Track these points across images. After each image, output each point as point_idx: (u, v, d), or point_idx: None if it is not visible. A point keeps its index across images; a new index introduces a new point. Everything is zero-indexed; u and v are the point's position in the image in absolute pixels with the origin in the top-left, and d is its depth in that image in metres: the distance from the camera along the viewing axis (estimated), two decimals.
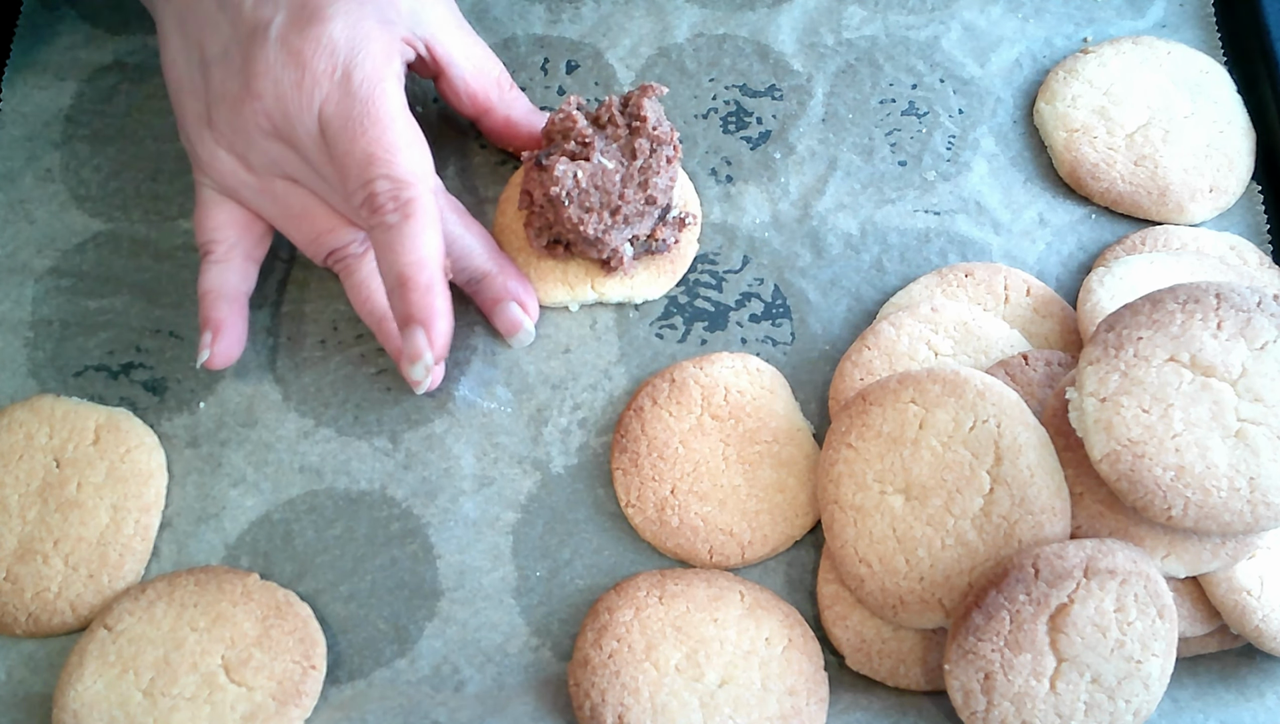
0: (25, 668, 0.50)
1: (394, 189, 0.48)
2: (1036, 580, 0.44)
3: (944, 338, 0.53)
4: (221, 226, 0.53)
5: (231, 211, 0.53)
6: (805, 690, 0.48)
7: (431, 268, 0.48)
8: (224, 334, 0.52)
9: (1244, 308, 0.46)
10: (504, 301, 0.54)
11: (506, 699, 0.50)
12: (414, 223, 0.48)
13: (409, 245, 0.48)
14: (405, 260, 0.48)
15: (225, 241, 0.53)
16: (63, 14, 0.64)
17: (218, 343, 0.52)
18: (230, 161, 0.52)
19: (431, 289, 0.48)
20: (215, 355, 0.52)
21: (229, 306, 0.52)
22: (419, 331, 0.48)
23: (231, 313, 0.52)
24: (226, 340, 0.52)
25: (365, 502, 0.53)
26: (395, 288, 0.48)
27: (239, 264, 0.53)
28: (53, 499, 0.52)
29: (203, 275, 0.53)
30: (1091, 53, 0.61)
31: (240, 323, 0.53)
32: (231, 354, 0.52)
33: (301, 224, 0.53)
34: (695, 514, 0.52)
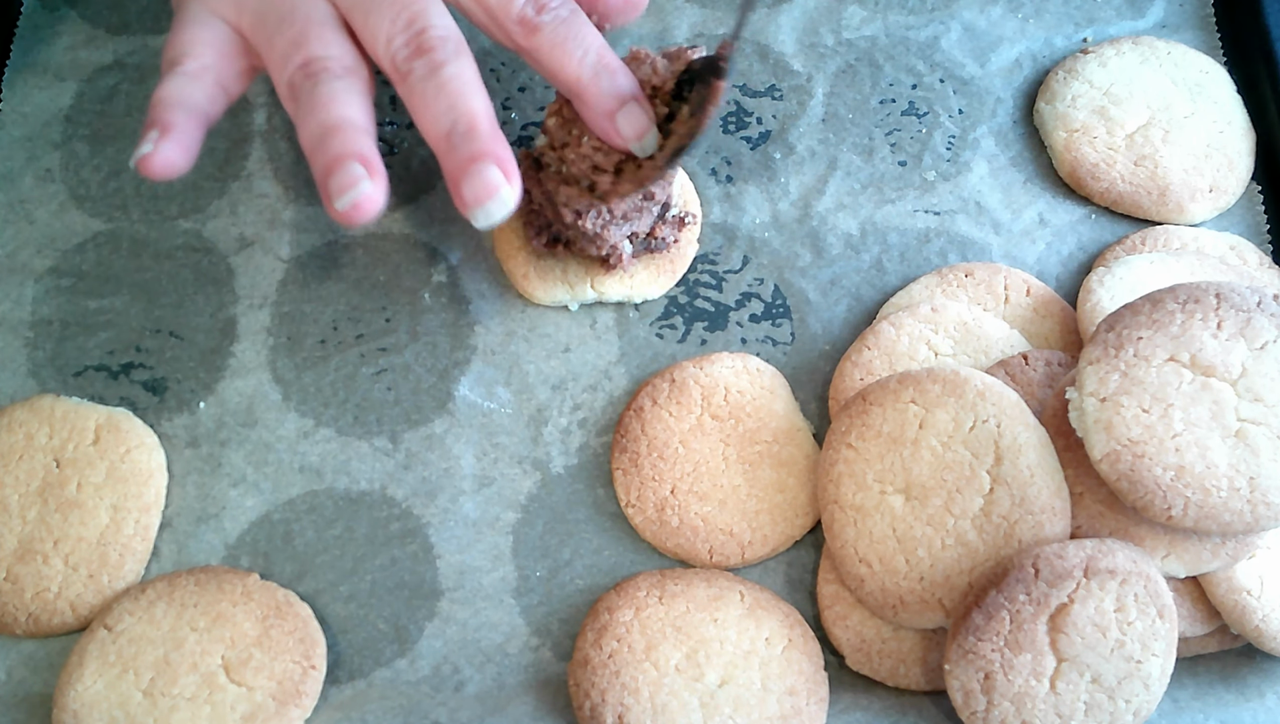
0: (25, 668, 0.51)
1: (428, 31, 0.46)
2: (1036, 580, 0.44)
3: (944, 338, 0.53)
4: (200, 45, 0.47)
5: (218, 32, 0.47)
6: (805, 690, 0.48)
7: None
8: (173, 136, 0.44)
9: (1244, 308, 0.46)
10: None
11: (506, 699, 0.50)
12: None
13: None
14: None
15: (199, 59, 0.47)
16: (63, 14, 0.64)
17: (162, 141, 0.44)
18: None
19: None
20: (157, 158, 0.44)
21: (185, 115, 0.45)
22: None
23: (185, 120, 0.45)
24: (173, 144, 0.44)
25: (365, 502, 0.53)
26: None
27: (208, 85, 0.46)
28: (53, 499, 0.52)
29: (162, 84, 0.46)
30: (1091, 53, 0.61)
31: (195, 136, 0.45)
32: (175, 163, 0.45)
33: (296, 27, 0.46)
34: (695, 514, 0.52)
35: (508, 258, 0.57)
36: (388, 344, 0.56)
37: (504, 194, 0.45)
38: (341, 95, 0.46)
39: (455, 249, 0.58)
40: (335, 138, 0.45)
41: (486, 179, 0.44)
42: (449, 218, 0.59)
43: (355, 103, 0.46)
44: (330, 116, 0.45)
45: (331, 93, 0.46)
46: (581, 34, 0.47)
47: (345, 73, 0.46)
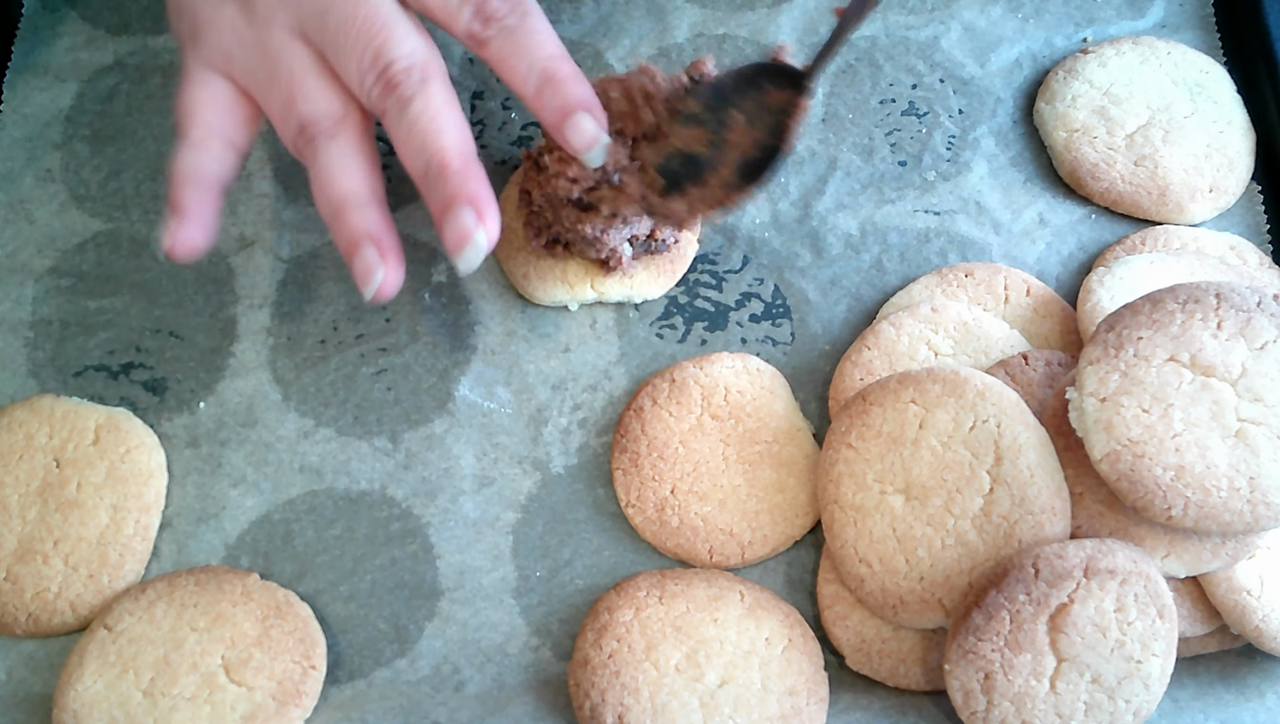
0: (25, 668, 0.51)
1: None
2: (1036, 580, 0.44)
3: (944, 338, 0.53)
4: (203, 106, 0.48)
5: (217, 90, 0.48)
6: (805, 690, 0.48)
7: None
8: (188, 219, 0.47)
9: (1244, 308, 0.46)
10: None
11: (506, 699, 0.50)
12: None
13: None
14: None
15: (205, 123, 0.48)
16: (63, 15, 0.64)
17: (181, 228, 0.46)
18: (233, 16, 0.48)
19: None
20: (177, 242, 0.46)
21: (197, 192, 0.47)
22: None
23: (200, 198, 0.47)
24: (189, 226, 0.47)
25: (365, 502, 0.53)
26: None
27: (216, 149, 0.48)
28: (53, 499, 0.52)
29: (174, 158, 0.48)
30: (1091, 53, 0.61)
31: (208, 210, 0.47)
32: (195, 243, 0.47)
33: (279, 88, 0.47)
34: (695, 514, 0.52)
35: (508, 258, 0.57)
36: (388, 344, 0.56)
37: (478, 239, 0.45)
38: (340, 163, 0.47)
39: None
40: (344, 220, 0.46)
41: (461, 225, 0.45)
42: None
43: (353, 167, 0.47)
44: (335, 192, 0.46)
45: (330, 161, 0.47)
46: (527, 45, 0.46)
47: (338, 129, 0.47)
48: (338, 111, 0.47)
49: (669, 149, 0.50)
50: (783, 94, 0.49)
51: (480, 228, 0.45)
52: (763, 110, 0.49)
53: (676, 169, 0.50)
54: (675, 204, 0.50)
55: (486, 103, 0.62)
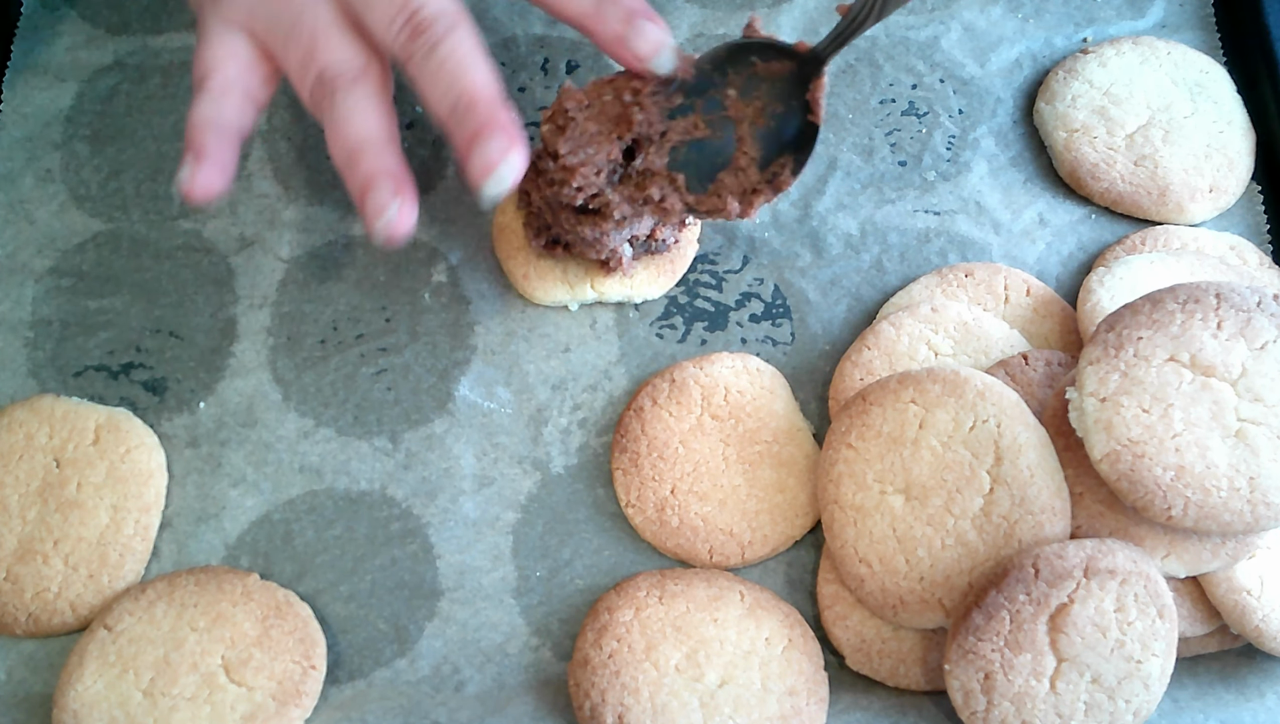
0: (25, 668, 0.51)
1: (439, 12, 0.46)
2: (1036, 580, 0.44)
3: (944, 338, 0.53)
4: (223, 59, 0.48)
5: (237, 47, 0.49)
6: (805, 690, 0.48)
7: (494, 81, 0.46)
8: (207, 160, 0.47)
9: (1244, 308, 0.46)
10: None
11: (506, 699, 0.50)
12: (460, 36, 0.46)
13: (467, 62, 0.46)
14: (468, 79, 0.46)
15: (225, 74, 0.48)
16: (63, 15, 0.64)
17: (200, 168, 0.46)
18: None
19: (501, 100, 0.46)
20: (196, 183, 0.46)
21: (217, 136, 0.47)
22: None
23: (219, 142, 0.47)
24: (209, 168, 0.47)
25: (365, 502, 0.53)
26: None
27: (236, 99, 0.48)
28: (53, 499, 0.52)
29: (193, 107, 0.48)
30: (1091, 53, 0.61)
31: (229, 156, 0.47)
32: (213, 185, 0.47)
33: (301, 38, 0.48)
34: (695, 514, 0.52)
35: (508, 258, 0.57)
36: (388, 344, 0.56)
37: (511, 159, 0.45)
38: (359, 107, 0.47)
39: (455, 249, 0.58)
40: (361, 160, 0.46)
41: (489, 152, 0.45)
42: (449, 218, 0.59)
43: (372, 112, 0.47)
44: (352, 135, 0.47)
45: (350, 107, 0.47)
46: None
47: (359, 78, 0.47)
48: (359, 63, 0.48)
49: (672, 144, 0.50)
50: (773, 65, 0.49)
51: (509, 155, 0.44)
52: (757, 81, 0.49)
53: (693, 161, 0.50)
54: (716, 198, 0.50)
55: None
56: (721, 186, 0.50)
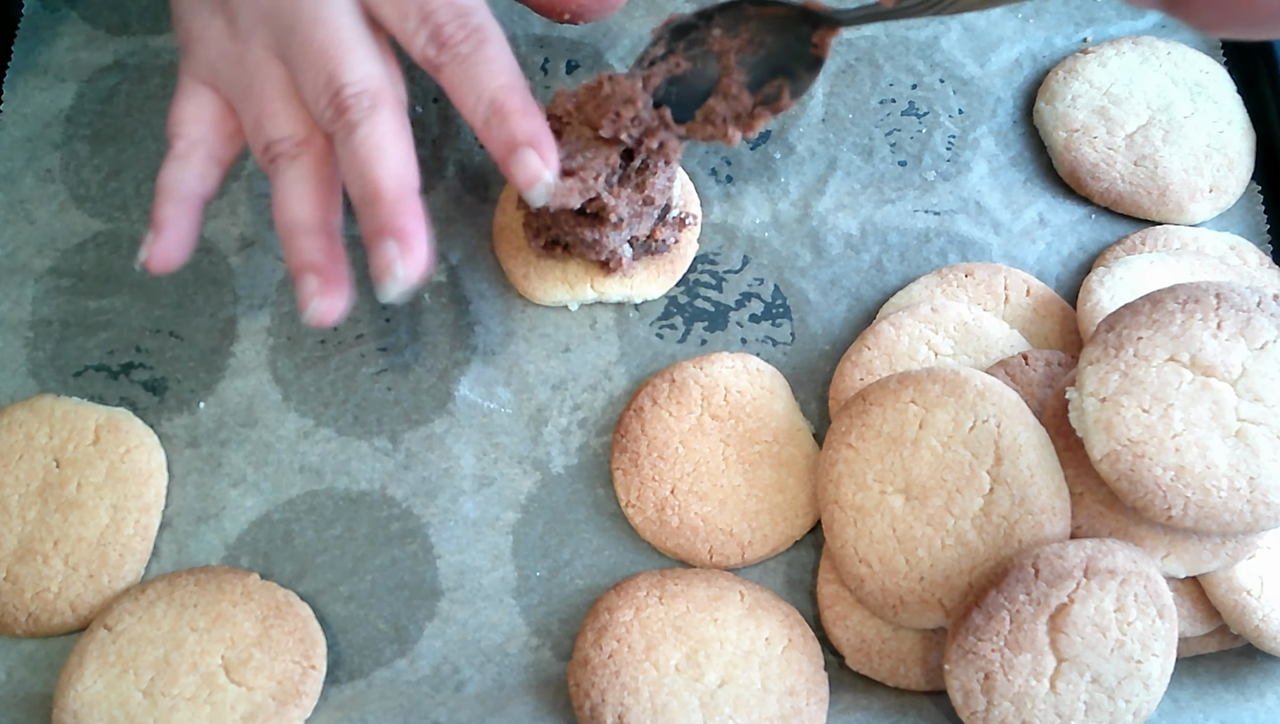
0: (25, 668, 0.51)
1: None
2: (1036, 580, 0.44)
3: (944, 338, 0.53)
4: (189, 120, 0.49)
5: (204, 103, 0.49)
6: (805, 690, 0.48)
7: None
8: (164, 233, 0.48)
9: (1244, 308, 0.46)
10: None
11: (506, 699, 0.50)
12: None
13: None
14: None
15: (189, 137, 0.49)
16: (63, 15, 0.64)
17: (156, 242, 0.48)
18: (220, 30, 0.49)
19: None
20: (153, 255, 0.48)
21: (176, 206, 0.48)
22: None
23: (178, 213, 0.48)
24: (165, 241, 0.48)
25: (365, 502, 0.53)
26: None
27: (198, 163, 0.49)
28: (53, 499, 0.52)
29: (160, 171, 0.49)
30: (1091, 53, 0.61)
31: (186, 224, 0.48)
32: (171, 256, 0.48)
33: (251, 106, 0.48)
34: (695, 514, 0.52)
35: (508, 258, 0.57)
36: (388, 344, 0.56)
37: (397, 272, 0.44)
38: (295, 188, 0.47)
39: (455, 249, 0.58)
40: (292, 245, 0.47)
41: (386, 252, 0.44)
42: (449, 218, 0.59)
43: (308, 194, 0.47)
44: (286, 216, 0.47)
45: (287, 184, 0.47)
46: (478, 74, 0.45)
47: (298, 154, 0.47)
48: (300, 135, 0.47)
49: (654, 87, 0.49)
50: (768, 8, 0.48)
51: (399, 262, 0.44)
52: (744, 19, 0.48)
53: (676, 95, 0.49)
54: (709, 124, 0.49)
55: None
56: (711, 112, 0.49)
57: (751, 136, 0.49)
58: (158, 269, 0.48)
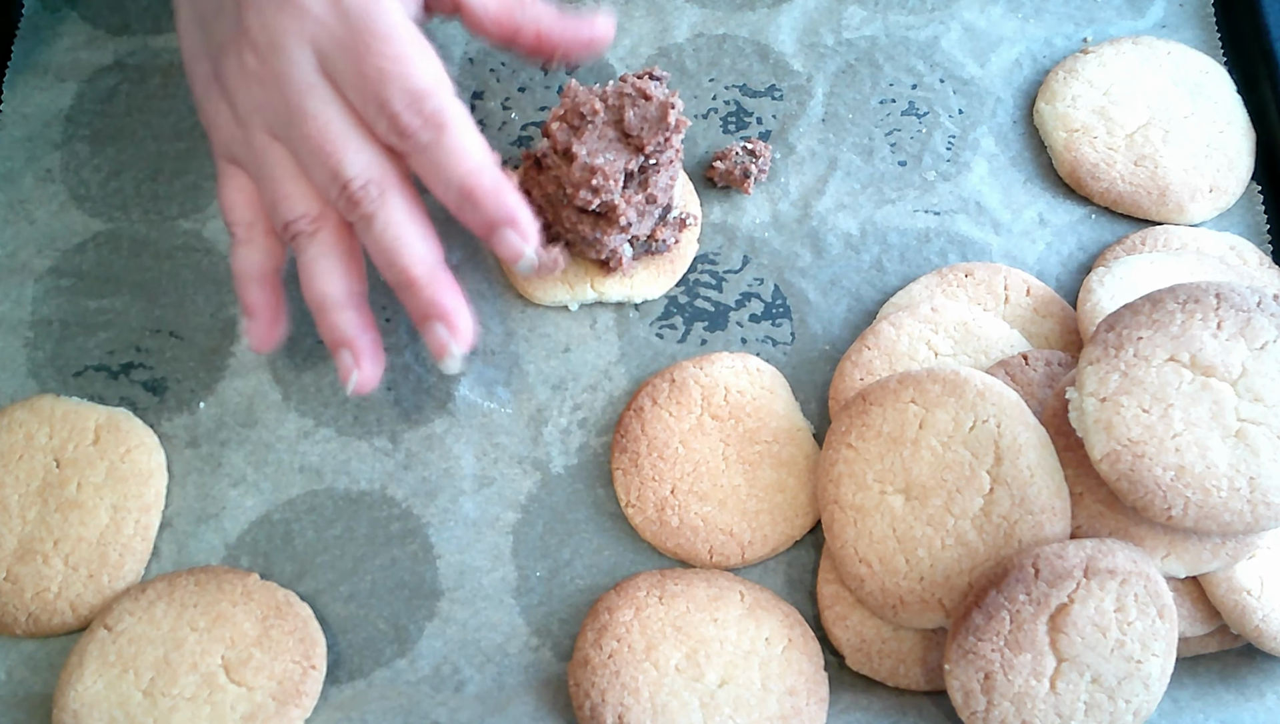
0: (25, 668, 0.51)
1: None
2: (1036, 580, 0.44)
3: (944, 338, 0.53)
4: (236, 205, 0.51)
5: (242, 184, 0.51)
6: (805, 690, 0.48)
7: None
8: (256, 316, 0.50)
9: (1244, 308, 0.46)
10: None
11: (506, 699, 0.50)
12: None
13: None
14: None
15: (242, 221, 0.51)
16: (63, 15, 0.64)
17: (257, 326, 0.50)
18: (227, 115, 0.50)
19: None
20: (254, 339, 0.51)
21: (259, 288, 0.51)
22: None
23: (261, 293, 0.51)
24: (260, 322, 0.50)
25: (365, 502, 0.53)
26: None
27: (261, 241, 0.51)
28: (53, 499, 0.52)
29: (232, 257, 0.51)
30: (1091, 53, 0.61)
31: (273, 301, 0.51)
32: (271, 336, 0.51)
33: (267, 189, 0.50)
34: (695, 514, 0.52)
35: None
36: (388, 344, 0.56)
37: (453, 350, 0.48)
38: (319, 264, 0.49)
39: (455, 249, 0.58)
40: (323, 320, 0.49)
41: (436, 339, 0.48)
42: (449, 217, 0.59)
43: (332, 269, 0.49)
44: (314, 293, 0.49)
45: (310, 260, 0.49)
46: (443, 162, 0.46)
47: (315, 231, 0.49)
48: (314, 212, 0.49)
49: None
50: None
51: (451, 342, 0.48)
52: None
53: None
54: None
55: (486, 103, 0.62)
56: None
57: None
58: (263, 350, 0.51)
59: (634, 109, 0.51)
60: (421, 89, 0.46)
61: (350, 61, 0.46)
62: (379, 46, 0.45)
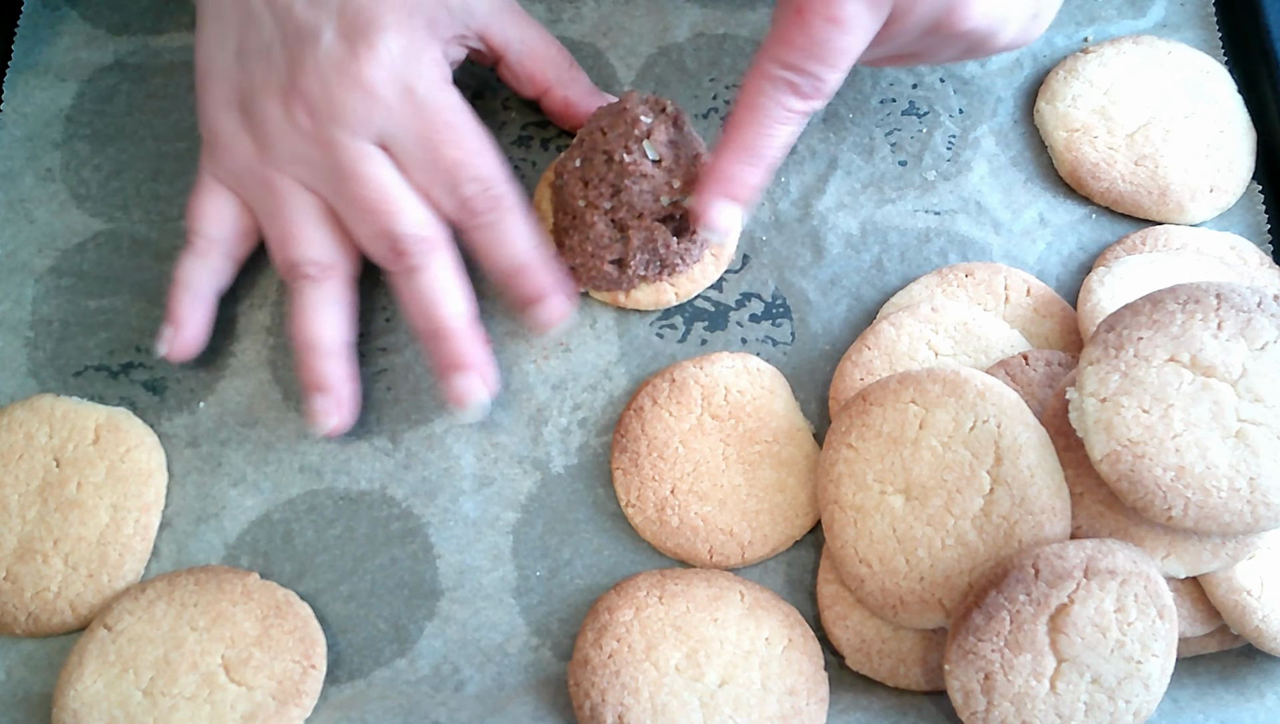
0: (25, 668, 0.51)
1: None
2: (1036, 580, 0.44)
3: (944, 338, 0.53)
4: (210, 218, 0.53)
5: (225, 204, 0.53)
6: (805, 690, 0.48)
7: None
8: (183, 330, 0.53)
9: (1244, 308, 0.46)
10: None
11: (506, 699, 0.50)
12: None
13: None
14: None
15: (208, 236, 0.53)
16: (63, 14, 0.64)
17: (176, 338, 0.53)
18: (248, 148, 0.51)
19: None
20: (174, 349, 0.53)
21: (193, 303, 0.53)
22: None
23: (195, 310, 0.53)
24: (184, 336, 0.53)
25: (365, 501, 0.53)
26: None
27: (216, 261, 0.53)
28: (52, 499, 0.52)
29: (178, 264, 0.54)
30: (1092, 52, 0.61)
31: (201, 319, 0.53)
32: (189, 349, 0.53)
33: (278, 225, 0.52)
34: (695, 514, 0.52)
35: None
36: (388, 344, 0.56)
37: (476, 401, 0.52)
38: (319, 308, 0.52)
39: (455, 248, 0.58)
40: (306, 363, 0.52)
41: (460, 386, 0.51)
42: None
43: (329, 315, 0.52)
44: (307, 335, 0.52)
45: (310, 304, 0.52)
46: (503, 241, 0.52)
47: (323, 276, 0.52)
48: (327, 260, 0.52)
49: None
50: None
51: (474, 395, 0.52)
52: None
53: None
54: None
55: (487, 102, 0.62)
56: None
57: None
58: (178, 360, 0.54)
59: (683, 149, 0.53)
60: (490, 176, 0.51)
61: (424, 150, 0.50)
62: (454, 138, 0.50)
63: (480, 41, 0.55)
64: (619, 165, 0.52)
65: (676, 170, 0.52)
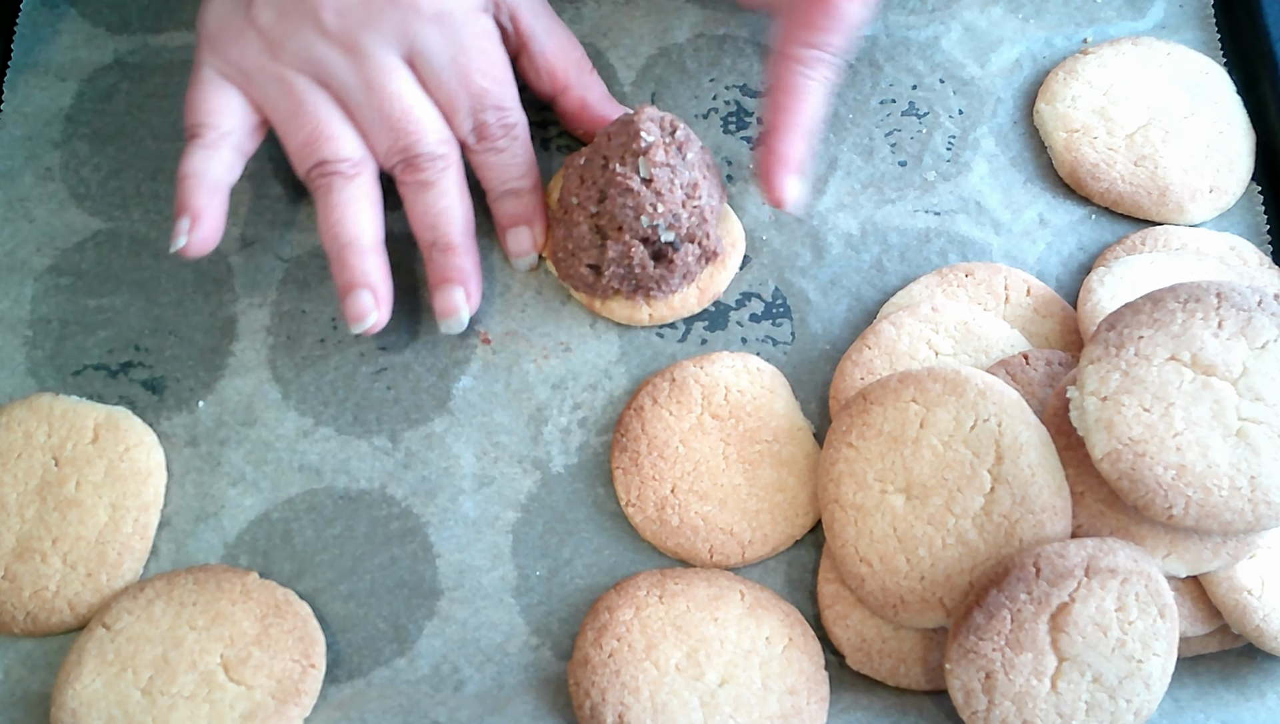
0: (23, 667, 0.50)
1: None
2: (1038, 579, 0.44)
3: (944, 337, 0.53)
4: (217, 111, 0.52)
5: (230, 98, 0.52)
6: (806, 690, 0.48)
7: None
8: (202, 221, 0.51)
9: (1245, 307, 0.46)
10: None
11: (506, 699, 0.50)
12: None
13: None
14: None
15: (218, 128, 0.52)
16: (63, 13, 0.64)
17: (195, 230, 0.51)
18: (257, 45, 0.51)
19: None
20: (192, 242, 0.51)
21: (209, 194, 0.51)
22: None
23: (211, 199, 0.51)
24: (204, 228, 0.51)
25: (365, 501, 0.53)
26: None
27: (226, 154, 0.52)
28: (51, 498, 0.52)
29: (187, 158, 0.52)
30: (1091, 53, 0.61)
31: (219, 212, 0.52)
32: (207, 243, 0.52)
33: (304, 125, 0.51)
34: (695, 513, 0.52)
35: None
36: (388, 343, 0.56)
37: (461, 316, 0.53)
38: (351, 207, 0.52)
39: None
40: (346, 262, 0.52)
41: (450, 300, 0.53)
42: None
43: (364, 212, 0.52)
44: (343, 233, 0.52)
45: (343, 202, 0.52)
46: (504, 165, 0.54)
47: (355, 173, 0.52)
48: (358, 157, 0.52)
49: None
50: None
51: (465, 307, 0.53)
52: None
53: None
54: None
55: None
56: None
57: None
58: (195, 254, 0.52)
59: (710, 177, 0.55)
60: (509, 105, 0.53)
61: (453, 71, 0.51)
62: (484, 66, 0.52)
63: (510, 22, 0.55)
64: (609, 174, 0.52)
65: (665, 196, 0.52)
